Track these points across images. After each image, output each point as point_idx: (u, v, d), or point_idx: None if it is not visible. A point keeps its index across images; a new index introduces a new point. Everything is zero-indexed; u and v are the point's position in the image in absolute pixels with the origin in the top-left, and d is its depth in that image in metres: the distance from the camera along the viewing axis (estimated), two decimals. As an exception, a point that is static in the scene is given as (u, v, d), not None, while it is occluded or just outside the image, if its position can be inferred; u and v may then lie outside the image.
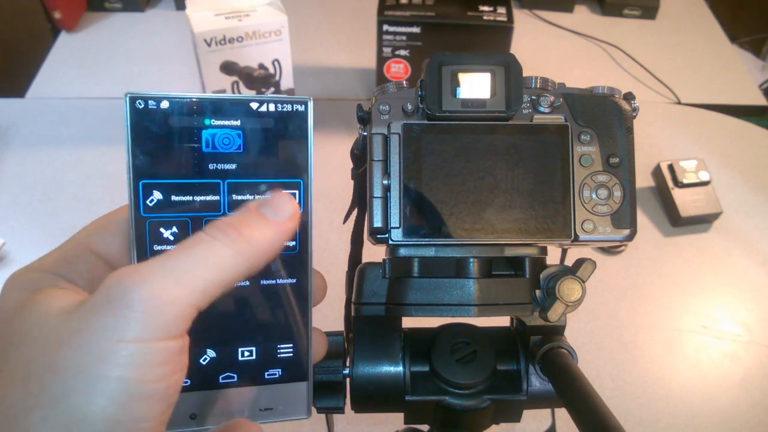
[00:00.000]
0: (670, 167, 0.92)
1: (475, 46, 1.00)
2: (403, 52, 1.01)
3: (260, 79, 0.96)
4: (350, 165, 0.38)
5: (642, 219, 0.92)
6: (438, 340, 0.37)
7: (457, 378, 0.35)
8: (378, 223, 0.32)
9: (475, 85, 0.32)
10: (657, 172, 0.94)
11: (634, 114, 0.34)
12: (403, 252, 0.34)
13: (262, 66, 0.94)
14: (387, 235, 0.32)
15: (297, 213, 0.27)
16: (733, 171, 1.00)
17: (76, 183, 0.93)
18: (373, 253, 0.37)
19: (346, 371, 0.35)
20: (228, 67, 0.93)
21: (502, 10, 0.99)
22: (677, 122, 1.09)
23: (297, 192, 0.30)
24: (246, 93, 0.96)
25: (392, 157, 0.32)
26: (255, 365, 0.31)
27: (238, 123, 0.29)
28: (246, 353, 0.31)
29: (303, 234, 0.31)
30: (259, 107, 0.29)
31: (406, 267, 0.34)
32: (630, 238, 0.33)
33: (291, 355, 0.31)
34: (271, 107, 0.30)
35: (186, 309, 0.23)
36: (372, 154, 0.33)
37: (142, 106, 0.28)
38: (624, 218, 0.33)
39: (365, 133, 0.34)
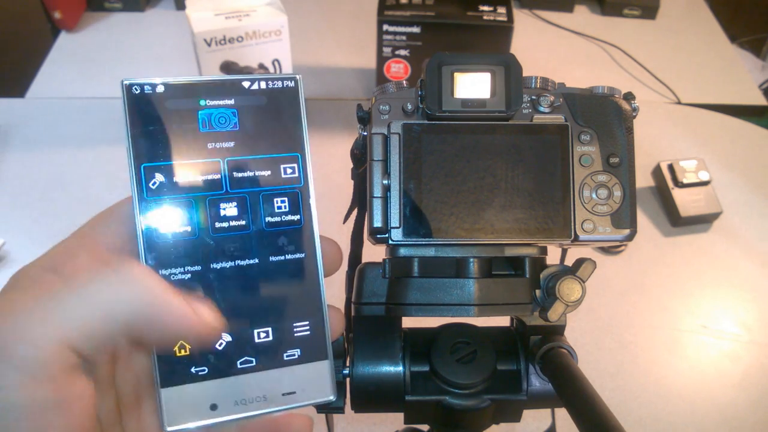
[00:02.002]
0: (670, 167, 0.92)
1: (475, 46, 1.00)
2: (403, 52, 1.01)
3: (260, 79, 0.95)
4: (350, 165, 0.38)
5: (642, 219, 0.92)
6: (438, 340, 0.37)
7: (457, 378, 0.35)
8: (378, 223, 0.32)
9: (475, 85, 0.32)
10: (657, 172, 0.94)
11: (634, 114, 0.34)
12: (403, 252, 0.34)
13: (262, 66, 0.94)
14: (387, 235, 0.32)
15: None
16: (733, 171, 1.00)
17: (76, 183, 0.92)
18: (373, 253, 0.37)
19: (346, 371, 0.35)
20: (228, 67, 0.93)
21: (502, 10, 0.99)
22: (677, 122, 1.09)
23: (295, 165, 0.31)
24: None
25: (392, 157, 0.32)
26: (273, 346, 0.31)
27: (232, 102, 0.30)
28: (262, 334, 0.31)
29: (306, 207, 0.31)
30: (250, 86, 0.30)
31: (406, 267, 0.34)
32: (630, 238, 0.33)
33: (308, 332, 0.31)
34: (262, 85, 0.31)
35: (58, 351, 0.21)
36: (372, 154, 0.33)
37: (139, 91, 0.29)
38: (624, 218, 0.33)
39: (365, 133, 0.34)
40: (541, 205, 0.32)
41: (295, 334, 0.31)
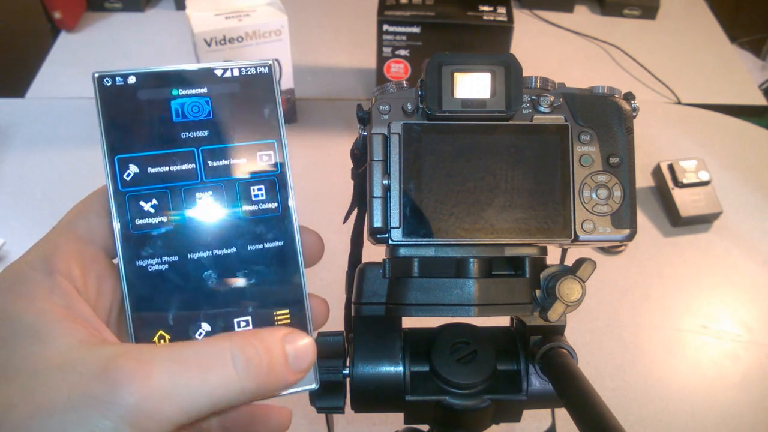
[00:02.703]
0: (670, 167, 0.92)
1: (475, 46, 1.00)
2: (403, 52, 1.01)
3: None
4: (350, 165, 0.38)
5: (642, 219, 0.92)
6: (438, 340, 0.37)
7: (457, 378, 0.35)
8: (378, 223, 0.32)
9: (475, 85, 0.32)
10: (657, 172, 0.94)
11: (634, 114, 0.34)
12: (403, 252, 0.34)
13: (262, 66, 0.94)
14: (387, 235, 0.32)
15: (311, 366, 0.28)
16: (733, 171, 1.00)
17: (76, 183, 0.92)
18: (373, 253, 0.37)
19: (346, 371, 0.35)
20: (228, 67, 0.93)
21: (502, 10, 0.99)
22: (677, 122, 1.09)
23: (272, 152, 0.31)
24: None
25: (392, 157, 0.32)
26: None
27: (205, 90, 0.30)
28: (242, 323, 0.31)
29: (283, 194, 0.31)
30: (223, 73, 0.30)
31: (406, 267, 0.34)
32: (630, 238, 0.33)
33: (289, 322, 0.31)
34: (236, 72, 0.30)
35: (165, 426, 0.23)
36: (372, 154, 0.33)
37: (110, 83, 0.29)
38: (624, 218, 0.33)
39: (365, 133, 0.34)
40: (541, 205, 0.32)
41: (276, 324, 0.31)
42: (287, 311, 0.31)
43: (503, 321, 0.40)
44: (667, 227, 0.92)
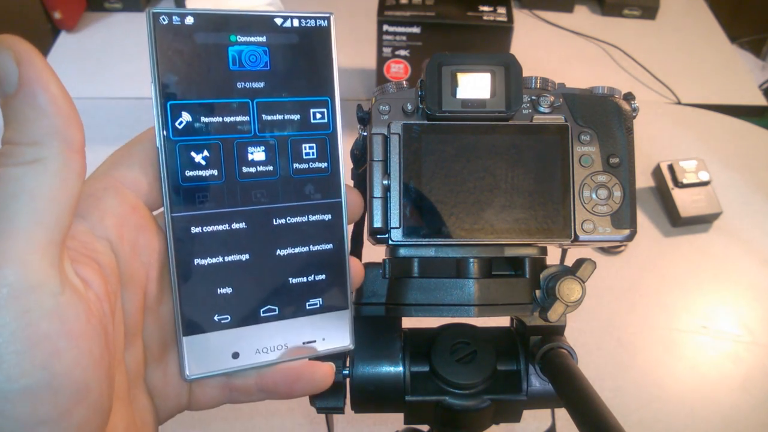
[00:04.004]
0: (670, 167, 0.92)
1: (475, 46, 1.00)
2: (403, 52, 1.01)
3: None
4: (350, 165, 0.38)
5: (642, 219, 0.92)
6: (438, 340, 0.37)
7: (457, 378, 0.35)
8: (378, 223, 0.32)
9: (475, 86, 0.32)
10: (657, 172, 0.94)
11: (634, 114, 0.34)
12: (403, 252, 0.34)
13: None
14: (387, 236, 0.32)
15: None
16: (733, 171, 1.00)
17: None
18: (373, 253, 0.37)
19: (346, 371, 0.35)
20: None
21: (502, 10, 0.99)
22: (677, 122, 1.09)
23: (325, 110, 0.30)
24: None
25: (392, 158, 0.32)
26: (296, 295, 0.30)
27: (263, 39, 0.29)
28: (286, 283, 0.30)
29: (334, 155, 0.31)
30: (283, 23, 0.29)
31: (406, 267, 0.34)
32: (630, 238, 0.33)
33: (331, 282, 0.31)
34: (295, 23, 0.29)
35: (40, 254, 0.21)
36: (372, 154, 0.33)
37: (166, 21, 0.27)
38: (624, 218, 0.33)
39: (365, 133, 0.34)
40: (541, 206, 0.32)
41: (318, 284, 0.31)
42: (330, 273, 0.31)
43: (503, 321, 0.40)
44: (667, 227, 0.92)
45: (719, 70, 1.22)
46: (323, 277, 0.31)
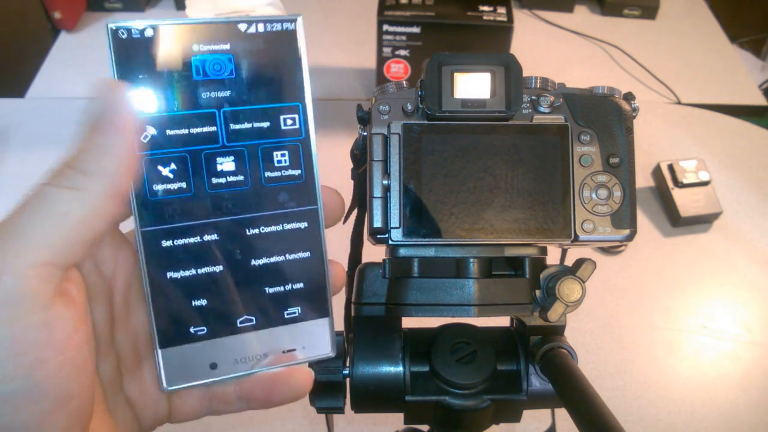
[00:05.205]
0: (670, 167, 0.92)
1: (475, 46, 1.00)
2: (403, 52, 1.01)
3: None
4: (350, 165, 0.38)
5: (642, 219, 0.92)
6: (438, 340, 0.37)
7: (457, 378, 0.35)
8: (378, 223, 0.32)
9: (475, 86, 0.32)
10: (657, 172, 0.94)
11: (634, 114, 0.34)
12: (403, 252, 0.34)
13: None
14: (387, 236, 0.32)
15: None
16: (733, 171, 1.00)
17: (76, 183, 0.92)
18: (373, 253, 0.37)
19: (346, 371, 0.35)
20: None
21: (502, 10, 0.99)
22: (677, 122, 1.09)
23: (296, 116, 0.30)
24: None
25: (392, 157, 0.32)
26: (273, 305, 0.30)
27: (227, 47, 0.28)
28: (262, 293, 0.30)
29: (307, 161, 0.30)
30: (247, 29, 0.28)
31: (406, 267, 0.34)
32: (630, 238, 0.33)
33: (310, 290, 0.30)
34: (260, 27, 0.29)
35: (40, 272, 0.22)
36: (372, 154, 0.33)
37: (126, 36, 0.27)
38: (624, 218, 0.33)
39: (365, 133, 0.34)
40: (541, 206, 0.32)
41: (296, 292, 0.30)
42: (308, 281, 0.30)
43: (503, 321, 0.40)
44: (667, 227, 0.92)
45: (719, 70, 1.21)
46: (301, 285, 0.31)
